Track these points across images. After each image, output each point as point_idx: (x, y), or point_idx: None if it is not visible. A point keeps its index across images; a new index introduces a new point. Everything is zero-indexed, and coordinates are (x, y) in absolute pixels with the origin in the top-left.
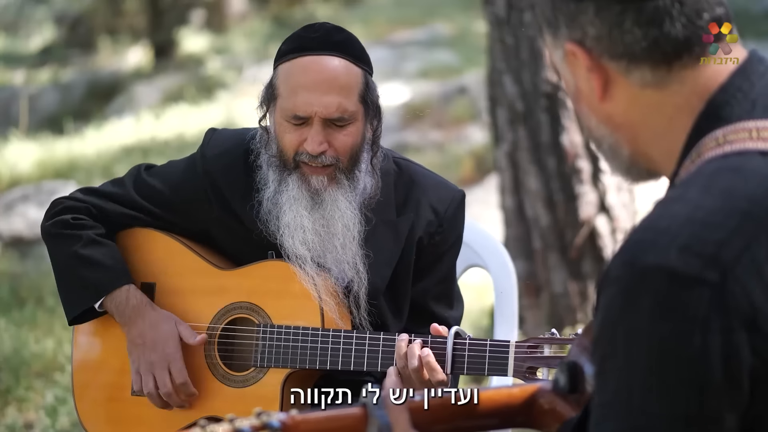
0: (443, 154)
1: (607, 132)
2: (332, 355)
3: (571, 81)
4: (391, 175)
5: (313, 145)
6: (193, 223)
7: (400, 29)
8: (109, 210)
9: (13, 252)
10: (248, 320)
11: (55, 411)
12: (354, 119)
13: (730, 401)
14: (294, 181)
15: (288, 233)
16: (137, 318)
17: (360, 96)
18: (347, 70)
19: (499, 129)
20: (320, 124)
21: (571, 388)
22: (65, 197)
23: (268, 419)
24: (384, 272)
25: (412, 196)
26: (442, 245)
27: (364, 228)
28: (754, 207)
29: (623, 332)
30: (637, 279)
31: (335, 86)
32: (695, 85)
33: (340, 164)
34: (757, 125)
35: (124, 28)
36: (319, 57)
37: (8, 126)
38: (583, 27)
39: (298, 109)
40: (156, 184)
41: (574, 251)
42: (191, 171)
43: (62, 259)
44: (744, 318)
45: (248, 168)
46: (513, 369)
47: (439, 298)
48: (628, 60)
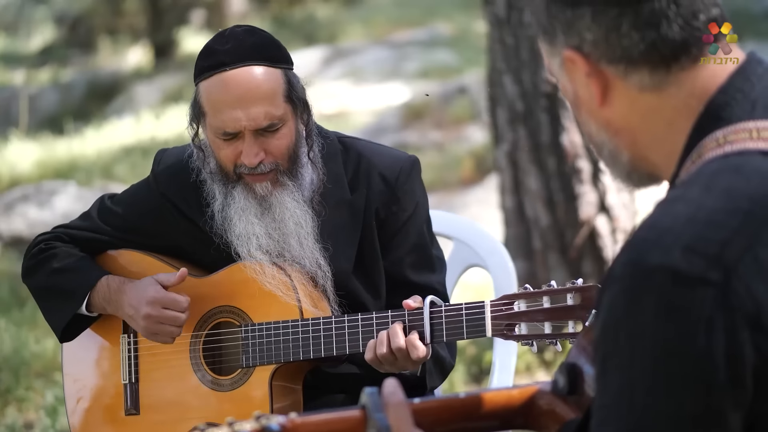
0: (443, 154)
1: (606, 137)
2: (314, 343)
3: (569, 88)
4: (338, 155)
5: (249, 158)
6: (162, 241)
7: (400, 29)
8: (79, 236)
9: (13, 252)
10: (230, 323)
11: (55, 411)
12: (284, 121)
13: (734, 400)
14: (239, 193)
15: (241, 243)
16: (122, 295)
17: (285, 97)
18: (266, 76)
19: (499, 129)
20: (251, 136)
21: (571, 389)
22: (38, 235)
23: (268, 422)
24: (348, 253)
25: (361, 170)
26: (401, 214)
27: (317, 222)
28: (755, 206)
29: (626, 332)
30: (641, 279)
31: (258, 96)
32: (693, 87)
33: (281, 167)
34: (758, 125)
35: (124, 28)
36: (235, 71)
37: (8, 126)
38: (581, 33)
39: (226, 126)
40: (119, 210)
41: (574, 251)
42: (148, 193)
43: (41, 281)
44: (748, 317)
45: (195, 184)
46: (491, 329)
47: (416, 266)
48: (626, 63)
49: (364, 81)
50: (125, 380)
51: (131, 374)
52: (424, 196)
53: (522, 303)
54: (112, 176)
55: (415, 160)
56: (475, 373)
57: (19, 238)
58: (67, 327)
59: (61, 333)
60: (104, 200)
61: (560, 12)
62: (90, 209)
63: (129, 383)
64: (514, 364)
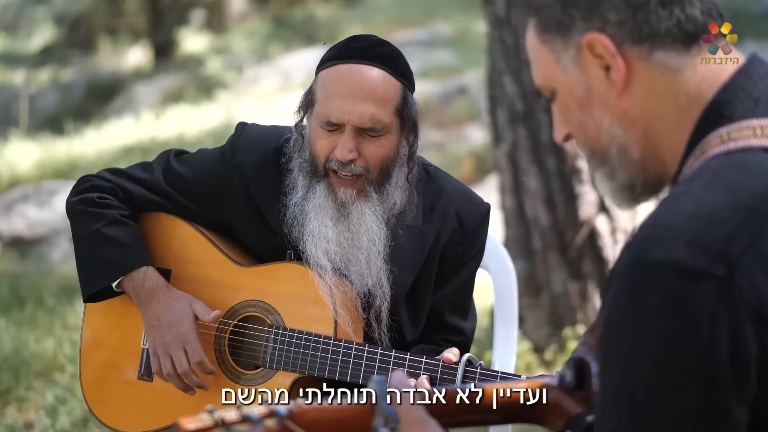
0: (443, 154)
1: (620, 131)
2: (342, 365)
3: (580, 85)
4: (420, 181)
5: (342, 152)
6: (216, 216)
7: (400, 29)
8: (135, 193)
9: (13, 252)
10: (261, 319)
11: (55, 411)
12: (387, 131)
13: (739, 395)
14: (322, 190)
15: (312, 241)
16: (152, 300)
17: (396, 109)
18: (385, 81)
19: (499, 129)
20: (352, 131)
21: (578, 384)
22: (93, 175)
23: (276, 407)
24: (406, 279)
25: (440, 204)
26: (464, 255)
27: (390, 243)
28: (758, 202)
29: (629, 327)
30: (645, 274)
31: (371, 96)
32: (706, 74)
33: (370, 176)
34: (761, 123)
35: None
36: (358, 66)
37: (8, 126)
38: (604, 15)
39: (331, 115)
40: (184, 172)
41: (574, 251)
42: (221, 163)
43: (84, 236)
44: (751, 312)
45: (279, 169)
46: None
47: (454, 309)
48: (651, 41)
49: None
50: (145, 345)
51: None
52: (485, 245)
53: None
54: None
55: (489, 208)
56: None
57: (19, 238)
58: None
59: (87, 297)
60: (171, 157)
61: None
62: (153, 162)
63: (148, 349)
64: (514, 363)
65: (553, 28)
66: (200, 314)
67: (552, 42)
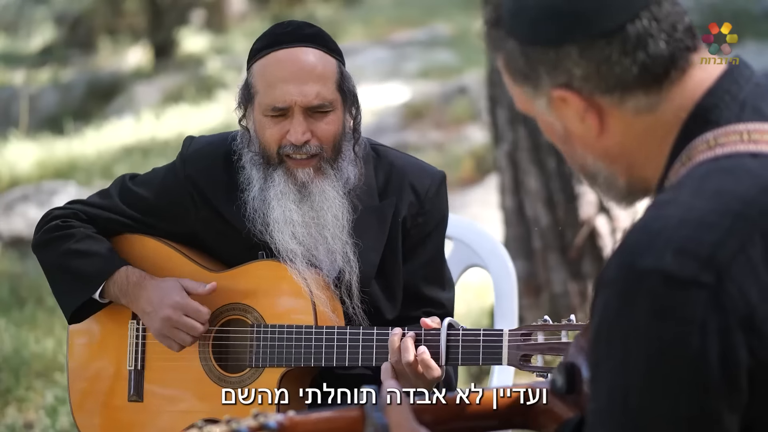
0: (443, 154)
1: (603, 166)
2: (326, 352)
3: (558, 125)
4: (371, 161)
5: (296, 135)
6: (180, 227)
7: (400, 29)
8: (97, 216)
9: (13, 252)
10: (241, 321)
11: (55, 411)
12: (334, 107)
13: (730, 402)
14: (280, 176)
15: (278, 228)
16: (141, 291)
17: (337, 85)
18: (322, 59)
19: (499, 129)
20: (301, 113)
21: (569, 388)
22: (52, 209)
23: (266, 420)
24: (373, 258)
25: (393, 180)
26: (426, 227)
27: (352, 216)
28: (746, 208)
29: (620, 335)
30: (633, 282)
31: (312, 75)
32: (683, 99)
33: (324, 154)
34: (748, 128)
35: (124, 28)
36: (293, 49)
37: (8, 126)
38: (569, 70)
39: (277, 100)
40: (141, 191)
41: (574, 251)
42: (173, 176)
43: (55, 258)
44: (740, 319)
45: (230, 169)
46: (507, 358)
47: (429, 280)
48: (621, 91)
49: (364, 81)
50: (131, 366)
51: (137, 361)
52: (447, 213)
53: (541, 335)
54: (112, 176)
55: (444, 176)
56: (475, 372)
57: (19, 238)
58: (76, 310)
59: (71, 315)
60: (125, 180)
61: (542, 54)
62: (110, 187)
63: (134, 370)
64: None
65: (521, 79)
66: (192, 288)
67: (523, 86)
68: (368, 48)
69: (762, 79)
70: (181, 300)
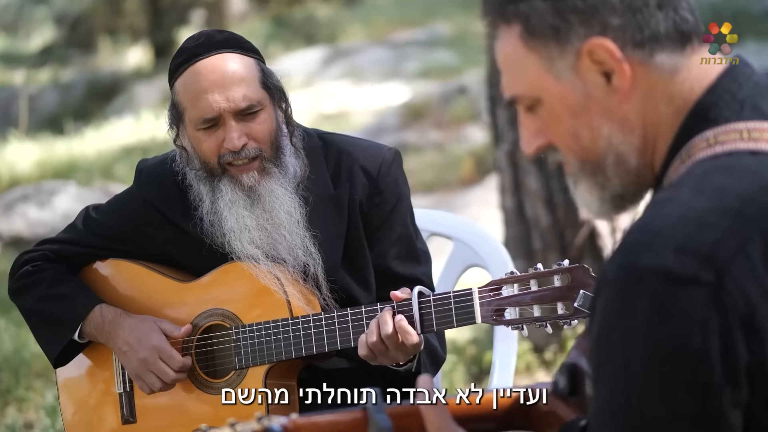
0: (443, 154)
1: (619, 138)
2: (305, 341)
3: (576, 90)
4: (319, 150)
5: (232, 142)
6: (150, 248)
7: (400, 29)
8: (64, 252)
9: (13, 252)
10: (221, 326)
11: (55, 411)
12: (263, 106)
13: (732, 399)
14: (226, 186)
15: (234, 237)
16: (117, 329)
17: (261, 83)
18: (241, 62)
19: (499, 129)
20: (232, 119)
21: (571, 390)
22: (22, 253)
23: (269, 423)
24: (336, 247)
25: (343, 165)
26: (385, 206)
27: (305, 209)
28: (746, 206)
29: (620, 336)
30: (633, 281)
31: (234, 79)
32: (698, 74)
33: (264, 154)
34: (748, 126)
35: (124, 28)
36: (209, 58)
37: (8, 126)
38: (604, 19)
39: (205, 112)
40: (105, 220)
41: (574, 251)
42: (132, 202)
43: (32, 305)
44: (740, 317)
45: (180, 189)
46: (481, 315)
47: (402, 258)
48: (652, 44)
49: (364, 81)
50: (119, 389)
51: (125, 383)
52: (406, 188)
53: (509, 288)
54: (111, 176)
55: (396, 152)
56: (475, 373)
57: (19, 238)
58: (60, 353)
59: (55, 360)
60: (89, 211)
61: (578, 2)
62: (75, 221)
63: (124, 392)
64: (514, 364)
65: (547, 35)
66: (169, 331)
67: (544, 48)
68: (368, 48)
69: (762, 78)
70: (158, 344)
